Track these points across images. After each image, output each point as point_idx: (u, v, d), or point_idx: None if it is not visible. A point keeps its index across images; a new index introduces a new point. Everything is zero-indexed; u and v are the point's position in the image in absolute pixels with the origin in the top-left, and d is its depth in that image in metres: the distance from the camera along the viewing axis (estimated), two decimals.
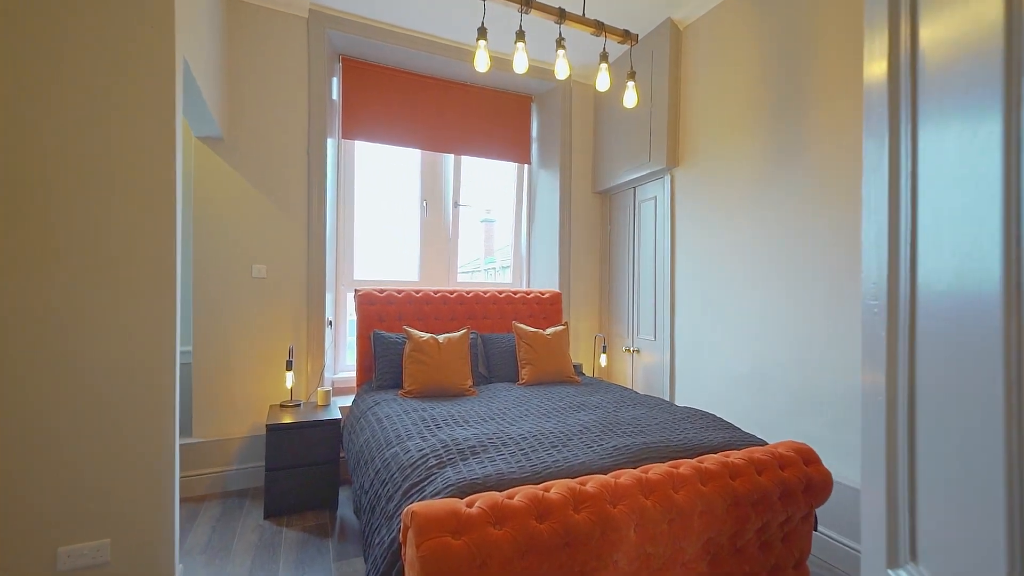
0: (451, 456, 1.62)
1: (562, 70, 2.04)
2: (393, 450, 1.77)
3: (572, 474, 1.54)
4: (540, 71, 3.86)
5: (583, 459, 1.62)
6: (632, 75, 2.19)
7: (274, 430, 2.47)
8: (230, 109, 2.86)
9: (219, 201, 2.83)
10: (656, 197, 3.54)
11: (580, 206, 4.10)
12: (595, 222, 4.18)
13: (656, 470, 1.53)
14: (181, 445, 2.72)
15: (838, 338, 2.22)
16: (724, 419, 2.21)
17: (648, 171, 3.45)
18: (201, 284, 2.78)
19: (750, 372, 2.69)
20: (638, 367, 3.68)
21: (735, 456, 1.66)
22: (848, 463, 2.17)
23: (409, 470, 1.58)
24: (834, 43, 2.28)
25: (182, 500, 2.68)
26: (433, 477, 1.50)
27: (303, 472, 2.53)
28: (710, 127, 3.02)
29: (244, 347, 2.87)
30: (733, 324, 2.81)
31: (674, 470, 1.54)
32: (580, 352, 4.04)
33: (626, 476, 1.47)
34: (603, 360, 3.77)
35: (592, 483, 1.41)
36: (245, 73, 2.89)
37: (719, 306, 2.91)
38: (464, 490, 1.40)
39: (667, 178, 3.39)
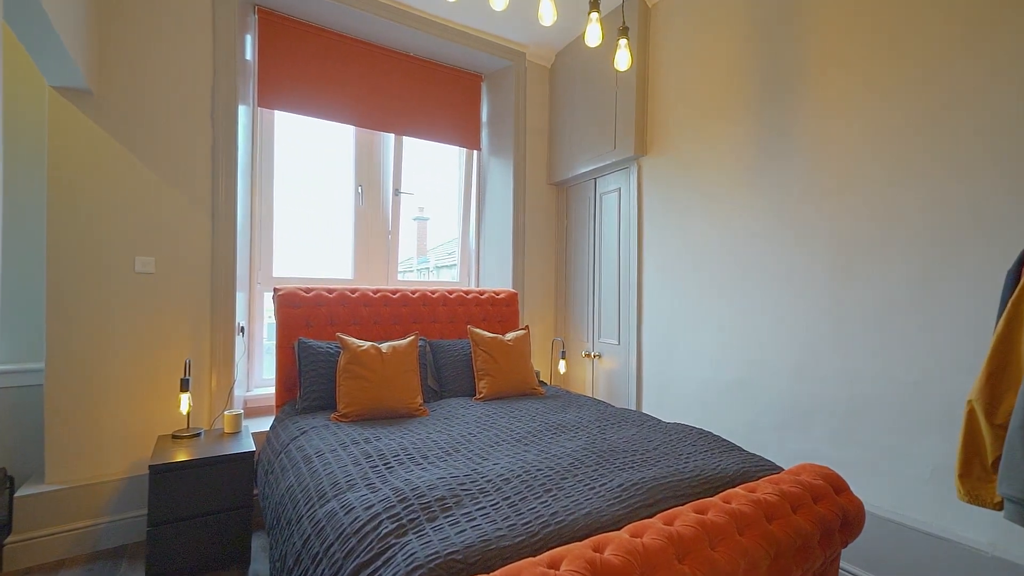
0: (414, 515, 1.18)
1: (548, 14, 1.67)
2: (329, 506, 1.30)
3: (579, 532, 1.16)
4: (490, 45, 3.47)
5: (588, 508, 1.24)
6: (624, 31, 1.86)
7: (161, 471, 1.88)
8: (102, 54, 2.20)
9: (87, 174, 2.17)
10: (620, 189, 3.27)
11: (535, 198, 3.75)
12: (551, 216, 3.85)
13: (683, 519, 1.19)
14: (26, 497, 2.04)
15: (838, 343, 2.02)
16: (722, 437, 1.93)
17: (612, 160, 3.16)
18: (58, 281, 2.11)
19: (732, 380, 2.46)
20: (599, 373, 3.39)
21: (763, 491, 1.37)
22: (851, 482, 1.97)
23: (355, 540, 1.13)
24: (823, 19, 2.09)
25: (30, 570, 2.00)
26: (391, 552, 1.06)
27: (202, 524, 1.96)
28: (684, 112, 2.78)
29: (122, 362, 2.22)
30: (713, 327, 2.57)
31: (703, 516, 1.21)
32: (535, 357, 3.69)
33: (652, 533, 1.12)
34: (562, 367, 3.44)
35: (613, 548, 1.05)
36: (125, 9, 2.25)
37: (696, 308, 2.67)
38: (439, 574, 0.98)
39: (633, 168, 3.12)
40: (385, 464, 1.51)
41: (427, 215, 3.93)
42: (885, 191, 1.89)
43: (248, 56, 2.83)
